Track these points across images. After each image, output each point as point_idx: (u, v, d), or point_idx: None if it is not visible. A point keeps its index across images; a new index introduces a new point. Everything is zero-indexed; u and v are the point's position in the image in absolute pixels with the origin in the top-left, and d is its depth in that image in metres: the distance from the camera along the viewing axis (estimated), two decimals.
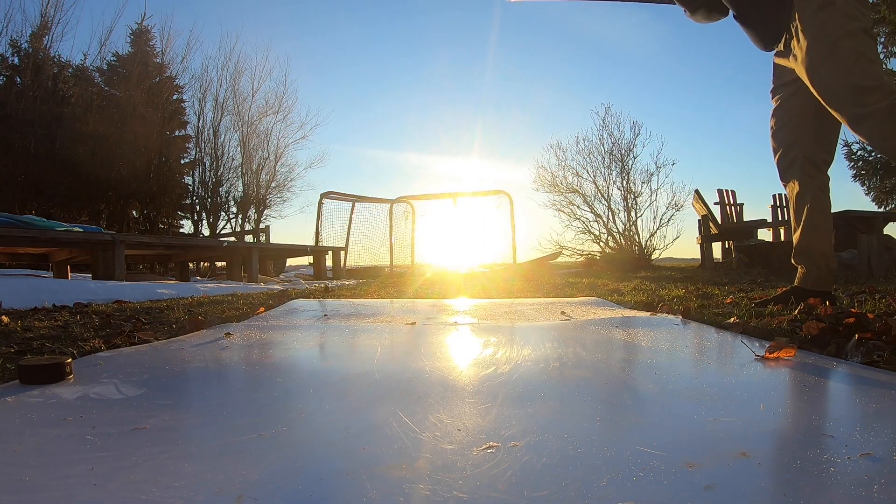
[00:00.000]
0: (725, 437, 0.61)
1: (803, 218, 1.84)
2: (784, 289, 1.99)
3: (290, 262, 10.25)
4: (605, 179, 8.80)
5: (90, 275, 5.03)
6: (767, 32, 1.78)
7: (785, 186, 1.91)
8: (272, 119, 14.16)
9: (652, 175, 8.50)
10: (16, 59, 10.75)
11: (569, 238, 8.94)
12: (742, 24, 1.82)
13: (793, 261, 1.93)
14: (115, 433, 0.65)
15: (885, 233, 5.27)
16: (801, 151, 1.81)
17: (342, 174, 25.50)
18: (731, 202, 7.96)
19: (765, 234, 7.92)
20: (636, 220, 8.54)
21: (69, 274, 5.82)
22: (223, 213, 13.99)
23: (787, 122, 1.83)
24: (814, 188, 1.81)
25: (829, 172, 1.87)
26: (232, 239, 11.65)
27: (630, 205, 8.57)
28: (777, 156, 1.88)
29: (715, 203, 7.80)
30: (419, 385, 0.89)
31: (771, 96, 1.91)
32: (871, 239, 4.50)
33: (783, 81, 1.84)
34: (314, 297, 3.22)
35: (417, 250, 8.42)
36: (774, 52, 1.86)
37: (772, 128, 1.90)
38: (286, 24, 23.92)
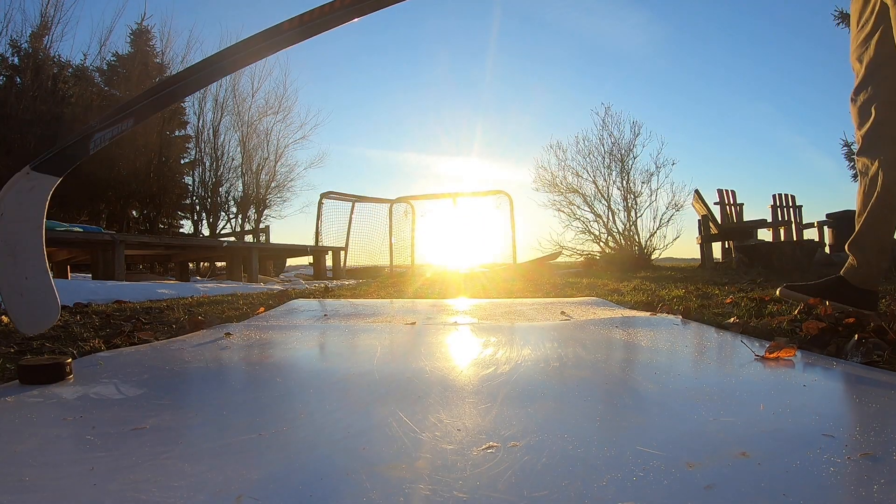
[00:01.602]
0: (725, 437, 0.61)
1: (870, 204, 1.63)
2: (827, 279, 1.76)
3: (290, 262, 10.27)
4: (605, 179, 8.81)
5: (90, 275, 5.03)
6: None
7: (858, 161, 1.69)
8: (272, 119, 14.17)
9: (652, 175, 8.52)
10: (16, 59, 10.75)
11: (569, 238, 8.95)
12: None
13: (846, 248, 1.74)
14: (115, 433, 0.65)
15: None
16: (893, 132, 1.58)
17: (342, 174, 25.53)
18: (731, 202, 7.97)
19: (765, 234, 7.93)
20: (636, 220, 8.56)
21: (69, 274, 5.82)
22: (223, 213, 14.00)
23: (877, 95, 1.61)
24: (893, 175, 1.59)
25: (829, 172, 1.76)
26: (232, 239, 11.65)
27: (630, 205, 8.59)
28: (863, 129, 1.64)
29: (715, 203, 7.81)
30: (419, 385, 0.89)
31: (853, 57, 1.68)
32: None
33: (869, 38, 1.60)
34: (314, 297, 3.22)
35: (417, 250, 8.43)
36: None
37: (858, 98, 1.66)
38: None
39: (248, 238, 12.12)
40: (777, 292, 1.88)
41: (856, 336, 1.14)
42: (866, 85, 1.64)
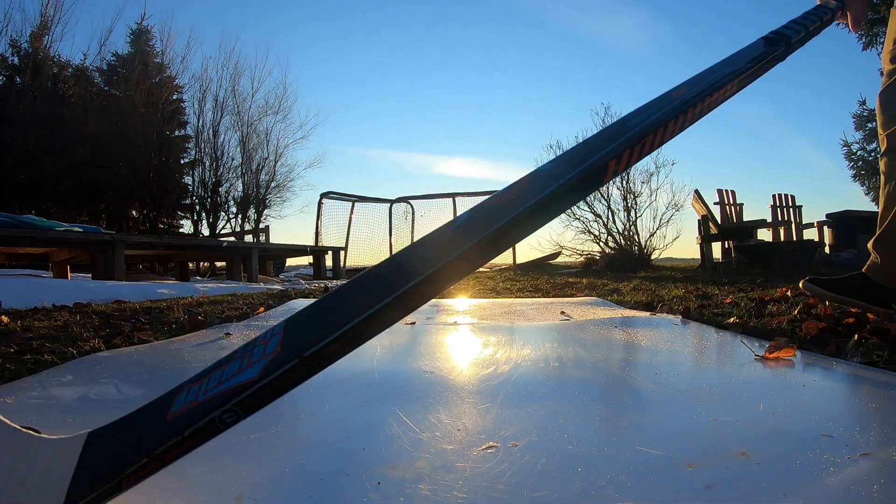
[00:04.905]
0: (725, 437, 0.61)
1: None
2: (849, 275, 1.74)
3: (290, 262, 10.26)
4: None
5: (90, 275, 5.03)
6: None
7: (881, 160, 1.66)
8: (272, 119, 14.19)
9: (652, 175, 8.52)
10: (16, 59, 10.75)
11: (569, 238, 8.98)
12: None
13: (870, 246, 1.72)
14: None
15: None
16: None
17: (342, 174, 25.56)
18: (731, 202, 7.96)
19: (764, 234, 7.93)
20: (636, 220, 8.56)
21: (69, 274, 5.82)
22: (223, 213, 13.99)
23: None
24: None
25: (829, 172, 1.73)
26: (232, 239, 11.64)
27: (630, 205, 8.59)
28: (889, 128, 1.61)
29: (715, 203, 7.81)
30: (419, 385, 0.89)
31: (887, 60, 1.63)
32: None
33: None
34: (314, 298, 3.22)
35: None
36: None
37: (886, 97, 1.62)
38: (286, 23, 23.93)
39: (248, 238, 12.11)
40: (800, 285, 1.85)
41: (856, 336, 1.14)
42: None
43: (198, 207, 13.79)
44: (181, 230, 13.99)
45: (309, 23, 25.21)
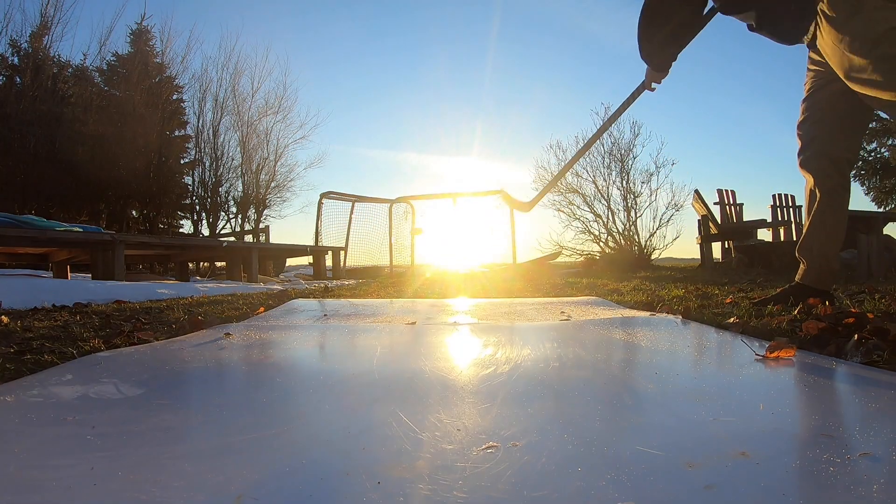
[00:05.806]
0: (725, 437, 0.61)
1: (812, 213, 1.80)
2: (783, 288, 1.98)
3: (290, 262, 10.25)
4: (604, 179, 8.82)
5: (90, 275, 5.03)
6: (787, 36, 1.69)
7: (803, 176, 1.86)
8: (272, 119, 14.16)
9: (652, 175, 8.53)
10: (15, 59, 10.74)
11: (569, 238, 8.96)
12: (759, 32, 1.72)
13: (797, 254, 1.90)
14: (115, 433, 0.65)
15: (884, 233, 5.27)
16: (822, 146, 1.76)
17: (342, 174, 25.50)
18: (731, 202, 7.96)
19: (764, 234, 7.93)
20: (636, 220, 8.56)
21: (69, 274, 5.82)
22: (223, 213, 13.99)
23: (811, 115, 1.79)
24: (827, 185, 1.76)
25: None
26: (232, 239, 11.64)
27: (630, 205, 8.59)
28: (799, 146, 1.83)
29: (715, 203, 7.80)
30: (419, 385, 0.89)
31: (804, 86, 1.85)
32: (871, 239, 4.50)
33: (815, 71, 1.77)
34: (314, 297, 3.22)
35: (417, 250, 8.42)
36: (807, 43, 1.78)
37: (799, 117, 1.84)
38: (286, 24, 23.93)
39: (248, 238, 12.09)
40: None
41: (856, 336, 1.14)
42: (806, 103, 1.83)
43: (198, 207, 13.79)
44: (181, 230, 13.98)
45: (309, 22, 25.22)
